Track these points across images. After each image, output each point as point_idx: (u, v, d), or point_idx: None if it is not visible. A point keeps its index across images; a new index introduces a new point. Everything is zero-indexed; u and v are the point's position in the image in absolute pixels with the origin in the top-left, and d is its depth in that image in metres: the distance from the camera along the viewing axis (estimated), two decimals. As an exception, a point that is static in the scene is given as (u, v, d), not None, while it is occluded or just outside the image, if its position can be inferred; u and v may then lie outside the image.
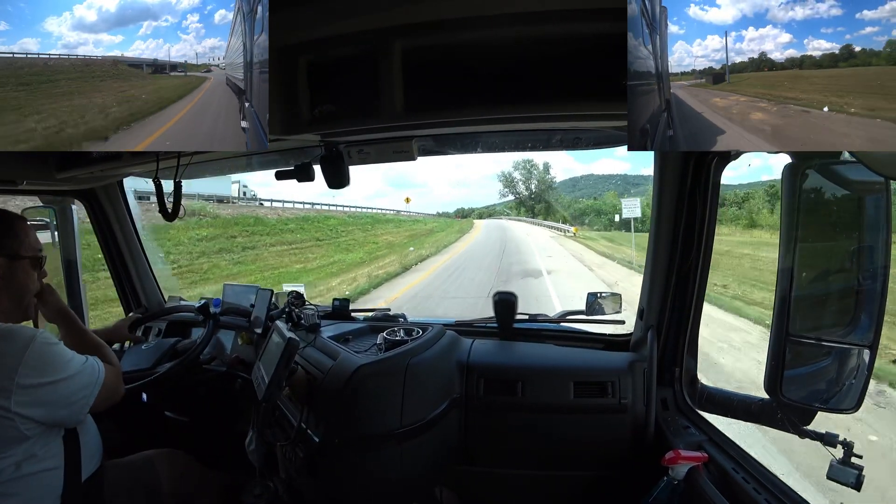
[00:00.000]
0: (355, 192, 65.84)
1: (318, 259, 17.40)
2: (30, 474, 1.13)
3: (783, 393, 0.99)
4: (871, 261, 0.92)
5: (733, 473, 1.12)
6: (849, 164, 0.87)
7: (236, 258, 15.58)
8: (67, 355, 1.16)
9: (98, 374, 1.21)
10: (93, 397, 1.18)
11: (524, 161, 64.25)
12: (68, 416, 1.16)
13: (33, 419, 1.08)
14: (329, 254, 18.41)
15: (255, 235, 17.85)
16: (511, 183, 63.23)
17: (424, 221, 40.06)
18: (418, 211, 56.37)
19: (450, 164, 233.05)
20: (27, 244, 1.24)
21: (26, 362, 1.07)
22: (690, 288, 1.36)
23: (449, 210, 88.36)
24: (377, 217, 32.40)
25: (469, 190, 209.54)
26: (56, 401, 1.11)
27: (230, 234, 16.97)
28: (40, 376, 1.09)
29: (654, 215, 1.38)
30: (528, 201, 61.80)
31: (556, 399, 1.43)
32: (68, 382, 1.13)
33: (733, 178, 39.44)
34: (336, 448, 1.28)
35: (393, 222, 31.76)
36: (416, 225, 34.36)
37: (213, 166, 1.72)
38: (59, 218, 2.11)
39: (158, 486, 1.43)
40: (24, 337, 1.10)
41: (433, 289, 11.58)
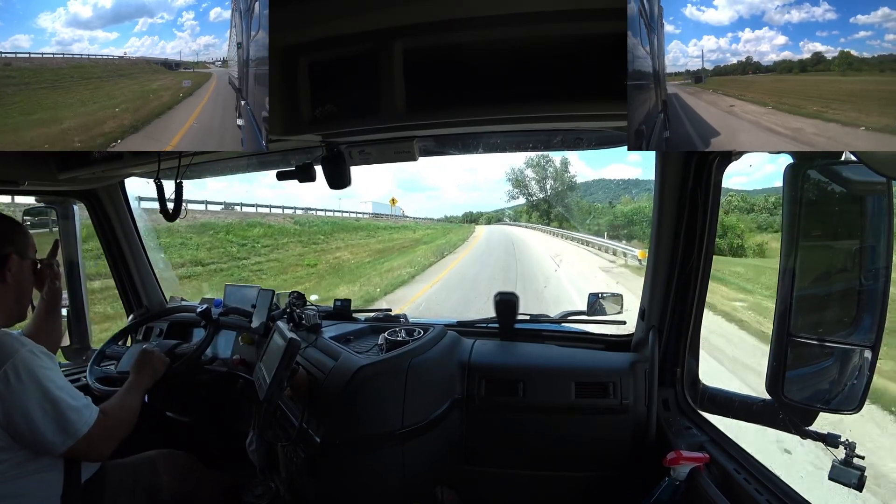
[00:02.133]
0: (369, 194, 62.31)
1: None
2: (30, 474, 1.13)
3: (785, 393, 0.99)
4: (873, 261, 0.92)
5: (735, 474, 1.12)
6: (850, 164, 0.87)
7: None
8: (51, 375, 1.14)
9: (83, 422, 1.16)
10: (66, 441, 1.13)
11: (538, 157, 52.21)
12: (32, 441, 1.11)
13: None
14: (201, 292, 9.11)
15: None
16: (521, 183, 52.93)
17: (414, 228, 31.69)
18: (425, 216, 50.93)
19: (461, 167, 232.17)
20: (30, 246, 1.27)
21: (5, 372, 1.08)
22: (692, 288, 1.36)
23: (457, 214, 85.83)
24: (343, 223, 22.87)
25: (480, 194, 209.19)
26: (17, 412, 1.09)
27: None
28: (16, 384, 1.08)
29: (655, 215, 1.38)
30: (542, 204, 51.02)
31: (557, 399, 1.43)
32: (41, 402, 1.10)
33: (748, 184, 34.87)
34: (337, 448, 1.28)
35: (366, 230, 23.69)
36: (400, 233, 26.08)
37: (215, 167, 1.73)
38: (61, 219, 2.11)
39: (159, 487, 1.43)
40: (9, 347, 1.11)
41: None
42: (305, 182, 1.47)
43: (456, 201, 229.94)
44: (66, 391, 1.16)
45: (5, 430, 1.08)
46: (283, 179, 1.53)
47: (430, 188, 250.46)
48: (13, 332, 1.21)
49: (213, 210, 16.12)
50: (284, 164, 1.60)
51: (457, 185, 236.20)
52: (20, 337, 1.20)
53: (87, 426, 1.16)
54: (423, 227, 34.42)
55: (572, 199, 49.49)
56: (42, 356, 1.15)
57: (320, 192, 41.78)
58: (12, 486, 1.11)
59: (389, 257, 17.69)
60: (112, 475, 1.35)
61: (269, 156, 1.57)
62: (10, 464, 1.10)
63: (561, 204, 47.36)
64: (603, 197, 76.24)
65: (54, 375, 1.15)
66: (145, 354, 1.56)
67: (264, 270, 13.59)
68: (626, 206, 35.18)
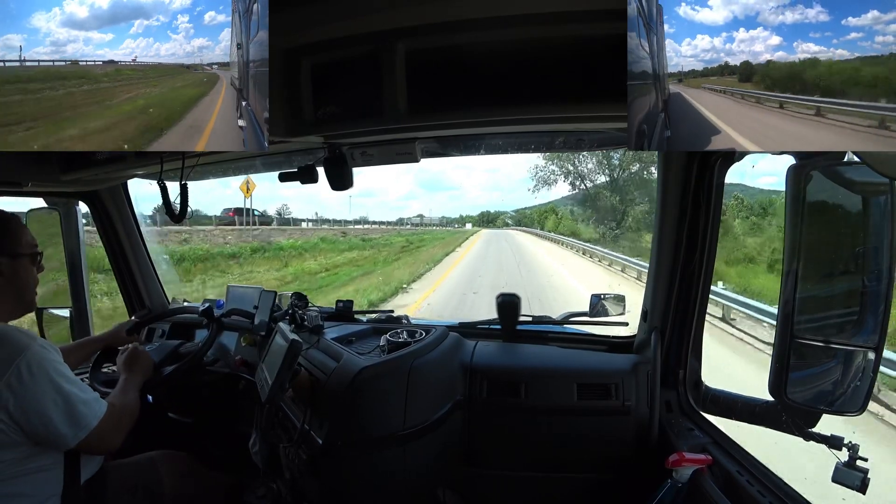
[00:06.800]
0: (389, 194, 60.05)
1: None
2: (31, 473, 1.14)
3: (788, 395, 0.99)
4: (876, 262, 0.91)
5: (738, 476, 1.11)
6: (853, 165, 0.87)
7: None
8: (62, 369, 1.16)
9: (93, 415, 1.18)
10: (78, 434, 1.15)
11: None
12: (45, 434, 1.13)
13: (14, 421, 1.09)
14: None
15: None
16: (562, 168, 31.08)
17: (389, 241, 24.78)
18: (443, 215, 48.28)
19: (483, 168, 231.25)
20: (25, 242, 1.26)
21: (17, 367, 1.08)
22: (694, 289, 1.36)
23: (473, 213, 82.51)
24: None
25: (501, 193, 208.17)
26: (31, 406, 1.10)
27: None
28: (29, 379, 1.09)
29: (657, 216, 1.38)
30: (607, 196, 28.77)
31: (559, 401, 1.42)
32: (54, 397, 1.12)
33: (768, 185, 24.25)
34: (339, 449, 1.28)
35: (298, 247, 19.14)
36: (359, 250, 21.22)
37: (218, 168, 1.73)
38: (64, 219, 2.12)
39: (160, 487, 1.44)
40: (20, 343, 1.11)
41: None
42: (308, 183, 1.48)
43: (477, 201, 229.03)
44: (76, 385, 1.18)
45: (18, 425, 1.09)
46: (285, 181, 1.53)
47: (453, 188, 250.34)
48: (22, 328, 1.22)
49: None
50: (287, 166, 1.60)
51: (479, 186, 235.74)
52: (29, 332, 1.21)
53: (98, 419, 1.18)
54: (404, 236, 28.73)
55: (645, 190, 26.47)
56: (52, 350, 1.17)
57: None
58: (12, 484, 1.11)
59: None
60: (113, 475, 1.35)
61: (273, 157, 1.57)
62: (11, 462, 1.10)
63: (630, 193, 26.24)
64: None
65: (64, 370, 1.17)
66: (133, 352, 1.57)
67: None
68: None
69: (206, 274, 14.00)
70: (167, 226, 12.75)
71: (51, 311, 2.15)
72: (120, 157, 1.52)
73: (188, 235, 16.23)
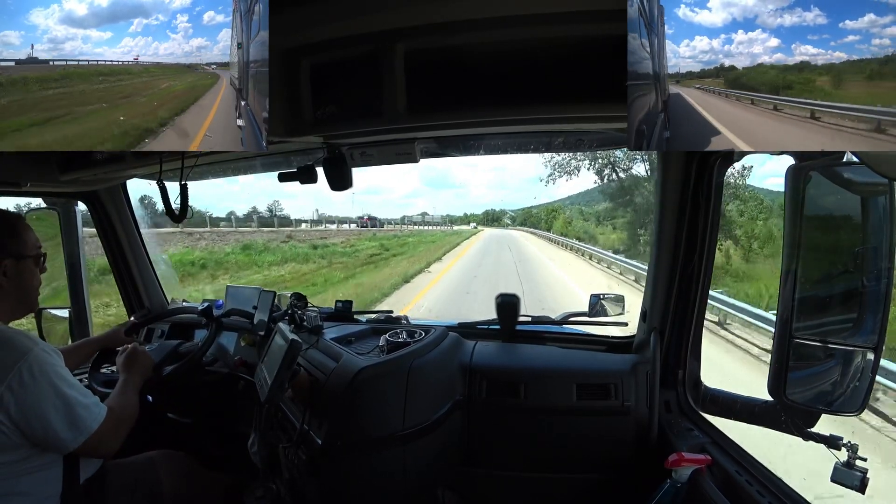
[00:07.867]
0: (395, 192, 58.74)
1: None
2: (30, 472, 1.14)
3: (787, 395, 0.99)
4: (875, 262, 0.91)
5: (737, 476, 1.11)
6: (852, 165, 0.87)
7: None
8: (63, 373, 1.16)
9: (93, 419, 1.18)
10: (77, 437, 1.16)
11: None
12: (44, 438, 1.13)
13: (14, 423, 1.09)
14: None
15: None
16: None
17: (355, 247, 22.28)
18: (448, 213, 43.34)
19: (489, 166, 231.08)
20: (29, 243, 1.26)
21: (19, 370, 1.09)
22: (693, 290, 1.36)
23: (477, 212, 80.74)
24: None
25: (506, 192, 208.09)
26: (32, 410, 1.10)
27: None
28: (30, 382, 1.10)
29: (657, 217, 1.38)
30: (647, 189, 20.78)
31: (558, 401, 1.42)
32: (54, 401, 1.12)
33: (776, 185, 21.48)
34: (338, 450, 1.28)
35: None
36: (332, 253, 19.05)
37: (217, 168, 1.73)
38: (63, 220, 2.12)
39: (160, 487, 1.43)
40: (22, 346, 1.11)
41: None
42: (307, 183, 1.48)
43: (482, 199, 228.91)
44: (76, 389, 1.18)
45: (18, 428, 1.09)
46: (284, 181, 1.53)
47: (458, 186, 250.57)
48: (24, 331, 1.22)
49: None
50: (286, 166, 1.60)
51: (484, 184, 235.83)
52: (31, 335, 1.21)
53: (98, 423, 1.19)
54: (384, 240, 24.54)
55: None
56: (53, 354, 1.17)
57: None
58: (12, 484, 1.11)
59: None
60: (112, 475, 1.35)
61: (272, 157, 1.57)
62: (11, 462, 1.10)
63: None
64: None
65: (65, 373, 1.17)
66: (132, 352, 1.56)
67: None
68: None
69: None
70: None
71: (50, 311, 2.14)
72: (119, 158, 1.52)
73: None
